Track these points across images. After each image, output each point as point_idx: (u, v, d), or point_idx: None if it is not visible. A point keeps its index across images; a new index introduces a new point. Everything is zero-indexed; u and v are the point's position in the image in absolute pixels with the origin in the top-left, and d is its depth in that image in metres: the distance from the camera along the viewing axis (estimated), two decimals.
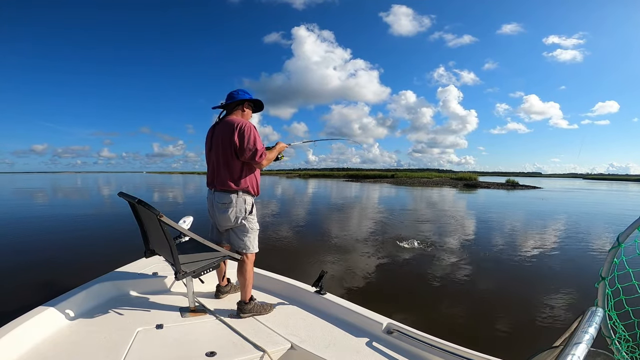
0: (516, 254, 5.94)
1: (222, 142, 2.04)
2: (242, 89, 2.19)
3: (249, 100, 2.18)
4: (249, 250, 2.10)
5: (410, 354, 1.68)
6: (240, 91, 2.17)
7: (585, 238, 7.54)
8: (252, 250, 2.11)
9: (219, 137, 2.06)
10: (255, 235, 2.14)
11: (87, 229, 8.15)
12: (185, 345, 1.67)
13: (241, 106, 2.16)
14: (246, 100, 2.16)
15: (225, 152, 2.02)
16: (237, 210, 2.04)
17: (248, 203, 2.08)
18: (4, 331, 1.51)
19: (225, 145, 2.02)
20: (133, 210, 2.08)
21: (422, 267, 5.05)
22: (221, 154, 2.04)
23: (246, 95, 2.16)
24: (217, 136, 2.08)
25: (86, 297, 2.03)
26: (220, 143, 2.05)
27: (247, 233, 2.09)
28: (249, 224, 2.09)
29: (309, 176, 70.81)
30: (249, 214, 2.09)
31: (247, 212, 2.07)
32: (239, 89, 2.18)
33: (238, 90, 2.18)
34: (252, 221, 2.11)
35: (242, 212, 2.06)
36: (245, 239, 2.09)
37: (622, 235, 1.26)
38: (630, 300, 1.27)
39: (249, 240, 2.10)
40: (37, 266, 4.89)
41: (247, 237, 2.09)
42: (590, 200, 19.54)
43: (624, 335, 1.31)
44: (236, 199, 2.03)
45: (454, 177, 43.93)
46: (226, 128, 2.03)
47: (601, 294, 1.33)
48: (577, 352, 0.72)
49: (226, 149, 2.02)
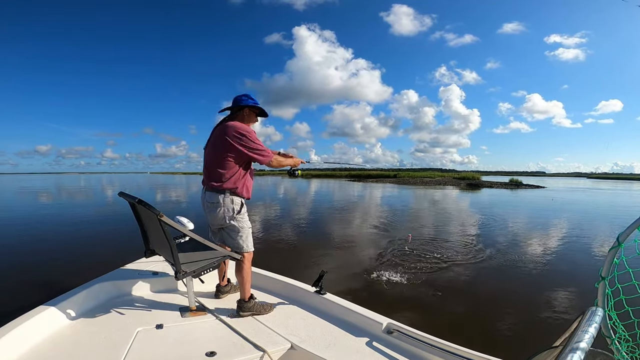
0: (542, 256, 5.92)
1: (217, 143, 2.08)
2: (247, 94, 2.21)
3: (252, 106, 2.19)
4: (242, 250, 2.10)
5: (410, 354, 1.68)
6: (244, 96, 2.19)
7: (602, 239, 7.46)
8: (246, 250, 2.12)
9: (216, 138, 2.10)
10: (248, 234, 2.14)
11: (88, 229, 8.16)
12: (185, 345, 1.67)
13: (243, 111, 2.18)
14: (249, 106, 2.18)
15: (219, 152, 2.06)
16: (226, 210, 2.06)
17: (236, 203, 2.08)
18: (4, 331, 1.51)
19: (220, 146, 2.06)
20: (133, 210, 2.08)
21: (438, 274, 5.04)
22: (214, 154, 2.08)
23: (249, 101, 2.19)
24: (215, 137, 2.12)
25: (86, 297, 2.03)
26: (216, 144, 2.09)
27: (237, 232, 2.09)
28: (238, 223, 2.09)
29: (311, 176, 70.73)
30: (238, 214, 2.09)
31: (236, 212, 2.08)
32: (245, 94, 2.20)
33: (243, 95, 2.20)
34: (241, 220, 2.11)
35: (231, 212, 2.07)
36: (237, 239, 2.10)
37: (622, 235, 1.26)
38: (630, 300, 1.27)
39: (241, 240, 2.10)
40: (37, 266, 4.90)
41: (239, 236, 2.10)
42: (601, 200, 19.26)
43: (624, 335, 1.31)
44: (224, 198, 2.05)
45: (457, 177, 43.77)
46: (224, 130, 2.06)
47: (601, 294, 1.33)
48: (577, 352, 0.72)
49: (220, 150, 2.05)
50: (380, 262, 5.28)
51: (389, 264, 5.14)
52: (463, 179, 39.48)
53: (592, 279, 1.37)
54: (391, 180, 42.60)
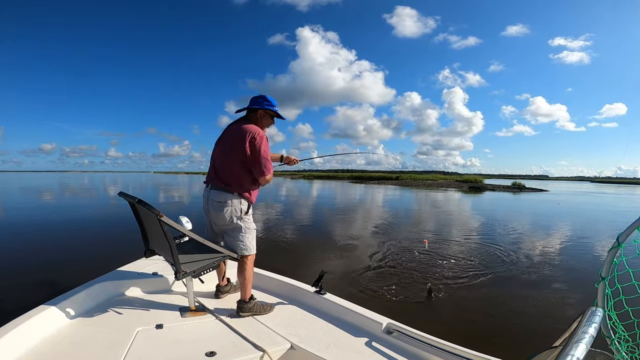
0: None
1: (231, 145, 2.06)
2: (264, 96, 2.15)
3: (269, 110, 2.16)
4: (246, 252, 2.08)
5: (410, 354, 1.68)
6: (261, 98, 2.15)
7: None
8: (249, 252, 2.09)
9: (230, 139, 2.08)
10: (253, 236, 2.13)
11: (88, 229, 8.15)
12: (185, 345, 1.67)
13: (258, 112, 2.14)
14: (264, 108, 2.15)
15: (232, 154, 2.04)
16: (233, 210, 2.04)
17: (244, 204, 2.07)
18: (4, 331, 1.51)
19: (234, 148, 2.03)
20: (133, 210, 2.08)
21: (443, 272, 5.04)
22: (227, 155, 2.07)
23: (265, 103, 2.14)
24: (229, 137, 2.10)
25: (86, 297, 2.03)
26: (230, 145, 2.07)
27: (243, 234, 2.07)
28: (244, 224, 2.08)
29: (313, 177, 70.64)
30: (245, 214, 2.08)
31: (243, 212, 2.06)
32: (262, 95, 2.15)
33: (260, 96, 2.16)
34: (247, 221, 2.10)
35: (238, 212, 2.05)
36: (243, 240, 2.07)
37: (622, 235, 1.26)
38: (629, 300, 1.27)
39: (247, 241, 2.08)
40: (37, 266, 4.90)
41: (245, 237, 2.08)
42: (607, 202, 19.02)
43: (624, 335, 1.31)
44: (232, 199, 2.04)
45: (460, 180, 43.24)
46: (240, 133, 2.04)
47: (601, 294, 1.33)
48: (577, 352, 0.72)
49: (233, 151, 2.03)
50: (381, 262, 5.28)
51: (392, 264, 5.13)
52: (466, 182, 39.09)
53: None
54: (393, 183, 42.45)
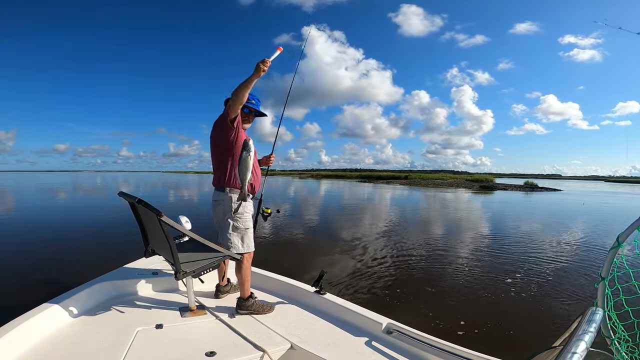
0: None
1: (212, 137, 2.13)
2: (250, 94, 2.04)
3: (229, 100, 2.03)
4: (241, 250, 2.06)
5: (410, 354, 1.68)
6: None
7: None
8: (244, 250, 2.08)
9: (211, 134, 2.14)
10: (246, 234, 2.10)
11: (89, 229, 8.15)
12: (185, 345, 1.67)
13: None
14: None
15: (214, 144, 2.11)
16: (225, 207, 2.05)
17: (235, 201, 2.05)
18: (4, 331, 1.51)
19: (213, 138, 2.11)
20: (133, 209, 2.08)
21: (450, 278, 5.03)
22: (213, 151, 2.13)
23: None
24: (211, 133, 2.15)
25: (86, 296, 2.03)
26: (211, 137, 2.14)
27: (233, 231, 2.05)
28: (235, 222, 2.05)
29: (321, 177, 70.30)
30: (236, 212, 2.04)
31: (234, 209, 2.03)
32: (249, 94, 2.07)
33: None
34: (238, 220, 2.06)
35: (229, 210, 2.04)
36: (234, 238, 2.05)
37: (622, 235, 1.26)
38: (629, 300, 1.27)
39: (238, 239, 2.06)
40: (37, 265, 4.90)
41: (235, 235, 2.05)
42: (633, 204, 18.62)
43: (624, 336, 1.31)
44: (224, 196, 2.05)
45: (470, 179, 42.32)
46: (214, 123, 2.10)
47: (601, 294, 1.33)
48: (577, 352, 0.72)
49: (214, 142, 2.11)
50: (383, 262, 5.28)
51: (393, 264, 5.13)
52: (476, 181, 38.24)
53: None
54: (402, 182, 42.00)
